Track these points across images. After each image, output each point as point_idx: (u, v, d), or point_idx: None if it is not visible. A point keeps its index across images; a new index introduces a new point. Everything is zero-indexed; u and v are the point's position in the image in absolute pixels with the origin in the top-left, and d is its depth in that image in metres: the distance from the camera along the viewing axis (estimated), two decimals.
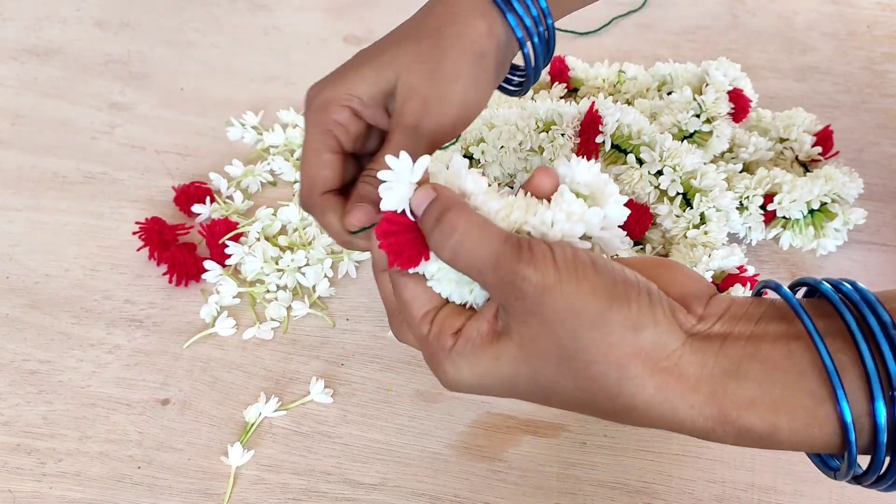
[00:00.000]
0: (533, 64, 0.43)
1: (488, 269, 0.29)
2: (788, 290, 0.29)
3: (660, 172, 0.52)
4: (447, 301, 0.33)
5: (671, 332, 0.28)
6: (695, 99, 0.56)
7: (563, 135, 0.54)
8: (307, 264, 0.57)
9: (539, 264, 0.28)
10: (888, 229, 0.60)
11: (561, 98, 0.64)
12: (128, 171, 0.67)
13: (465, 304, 0.33)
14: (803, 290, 0.31)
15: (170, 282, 0.57)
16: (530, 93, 0.65)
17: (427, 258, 0.31)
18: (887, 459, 0.26)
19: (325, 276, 0.57)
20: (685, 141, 0.55)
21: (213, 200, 0.62)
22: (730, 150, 0.59)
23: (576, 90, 0.66)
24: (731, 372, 0.27)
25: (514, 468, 0.47)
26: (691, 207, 0.52)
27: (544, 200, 0.31)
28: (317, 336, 0.55)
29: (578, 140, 0.54)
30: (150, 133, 0.70)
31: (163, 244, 0.58)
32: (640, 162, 0.53)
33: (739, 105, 0.56)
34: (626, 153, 0.53)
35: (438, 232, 0.29)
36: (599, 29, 0.79)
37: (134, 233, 0.58)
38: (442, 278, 0.32)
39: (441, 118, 0.39)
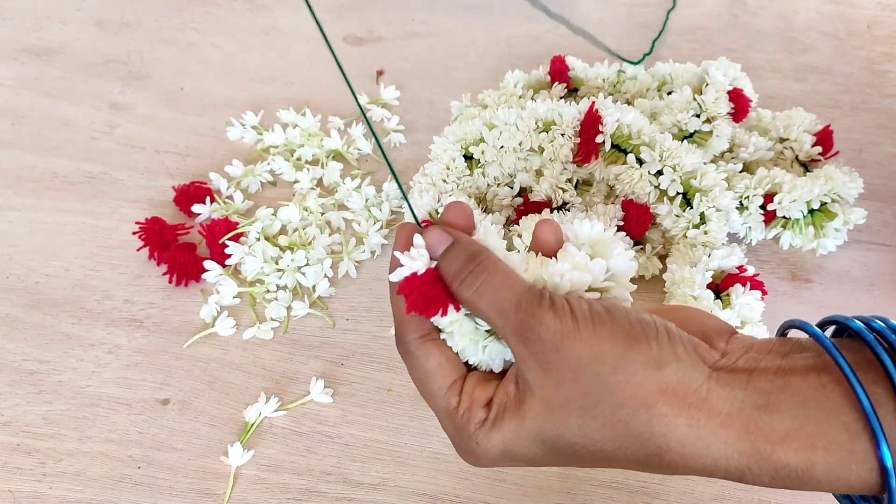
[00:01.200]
0: None
1: (511, 311, 0.29)
2: (815, 327, 0.29)
3: (660, 172, 0.52)
4: (469, 369, 0.33)
5: (695, 366, 0.28)
6: (695, 99, 0.56)
7: (562, 135, 0.54)
8: (307, 264, 0.57)
9: (558, 312, 0.28)
10: (888, 229, 0.60)
11: (561, 98, 0.64)
12: (128, 171, 0.67)
13: (487, 370, 0.32)
14: (831, 328, 0.30)
15: (170, 281, 0.57)
16: (529, 92, 0.65)
17: (445, 312, 0.30)
18: None
19: (325, 276, 0.57)
20: (685, 141, 0.55)
21: (213, 201, 0.62)
22: (730, 150, 0.59)
23: (576, 90, 0.66)
24: (762, 405, 0.27)
25: (514, 468, 0.47)
26: (691, 207, 0.52)
27: (555, 257, 0.31)
28: (317, 336, 0.55)
29: (578, 140, 0.54)
30: (150, 133, 0.70)
31: (163, 244, 0.58)
32: (640, 162, 0.53)
33: (739, 105, 0.56)
34: (626, 153, 0.53)
35: (468, 272, 0.30)
36: (653, 45, 0.79)
37: (134, 233, 0.58)
38: (455, 332, 0.32)
39: None
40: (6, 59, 0.78)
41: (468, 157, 0.56)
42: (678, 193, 0.52)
